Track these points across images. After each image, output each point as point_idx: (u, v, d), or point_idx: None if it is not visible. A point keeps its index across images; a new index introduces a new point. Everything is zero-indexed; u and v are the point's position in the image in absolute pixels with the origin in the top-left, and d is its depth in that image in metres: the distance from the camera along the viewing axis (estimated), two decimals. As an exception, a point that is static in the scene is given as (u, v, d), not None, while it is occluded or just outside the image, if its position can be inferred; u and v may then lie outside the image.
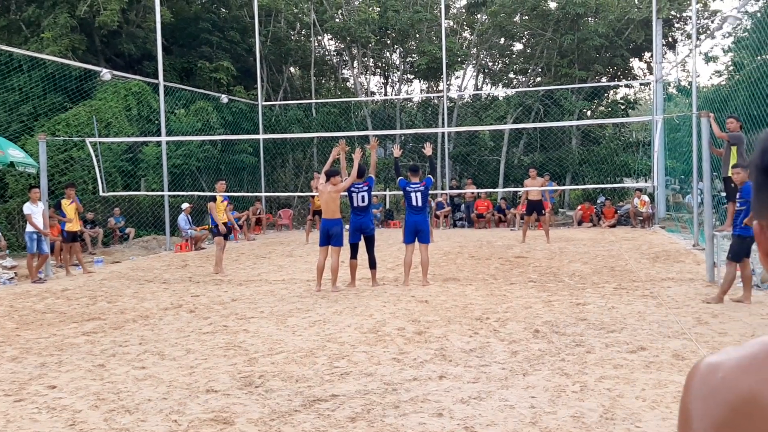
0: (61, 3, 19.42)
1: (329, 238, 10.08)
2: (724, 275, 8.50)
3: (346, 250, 10.42)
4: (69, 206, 13.07)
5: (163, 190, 17.34)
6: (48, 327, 8.03)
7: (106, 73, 16.50)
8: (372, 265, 10.49)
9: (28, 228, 12.08)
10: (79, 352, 6.75)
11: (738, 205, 8.41)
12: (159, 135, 17.84)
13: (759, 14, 14.94)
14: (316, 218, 15.95)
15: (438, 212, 20.96)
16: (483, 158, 24.62)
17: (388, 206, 24.16)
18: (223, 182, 13.51)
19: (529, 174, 16.84)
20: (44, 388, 5.56)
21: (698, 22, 20.64)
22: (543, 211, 16.21)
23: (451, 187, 22.25)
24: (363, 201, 10.33)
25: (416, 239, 10.31)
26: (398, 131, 24.45)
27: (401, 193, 10.89)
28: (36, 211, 12.12)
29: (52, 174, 15.65)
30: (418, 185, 10.36)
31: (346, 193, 10.43)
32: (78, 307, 9.35)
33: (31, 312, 9.14)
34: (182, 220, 17.13)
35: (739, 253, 8.31)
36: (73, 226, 13.17)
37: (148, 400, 5.18)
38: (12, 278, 12.34)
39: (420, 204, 10.30)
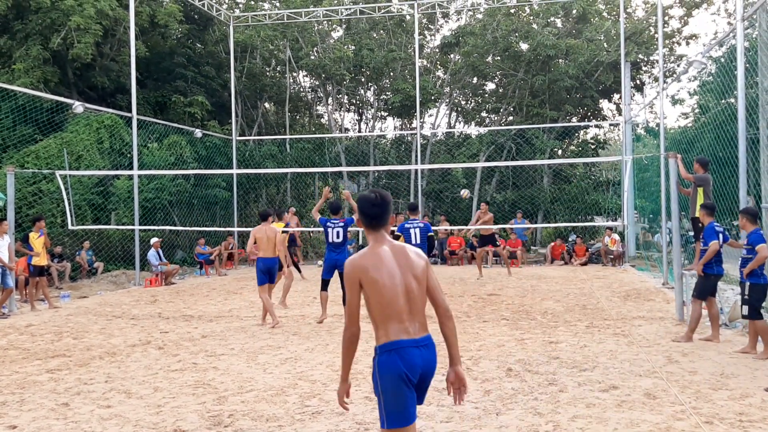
0: (33, 35, 19.31)
1: (269, 276, 10.35)
2: (690, 313, 8.60)
3: (315, 284, 10.38)
4: (37, 240, 12.82)
5: (134, 224, 17.14)
6: (10, 364, 7.81)
7: (78, 106, 16.38)
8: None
9: (-7, 262, 11.81)
10: (42, 390, 6.56)
11: (702, 244, 8.54)
12: (131, 168, 17.68)
13: (723, 59, 15.38)
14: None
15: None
16: (456, 195, 24.78)
17: (361, 242, 24.12)
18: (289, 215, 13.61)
19: (480, 207, 16.96)
20: (4, 429, 5.38)
21: (665, 65, 21.18)
22: (497, 243, 16.26)
23: (424, 224, 22.26)
24: (338, 237, 10.39)
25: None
26: (372, 168, 24.55)
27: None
28: (1, 245, 11.87)
29: (20, 207, 15.38)
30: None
31: (321, 229, 10.50)
32: (42, 344, 9.12)
33: (-7, 348, 8.89)
34: (152, 255, 16.89)
35: (703, 292, 8.42)
36: (41, 260, 12.91)
37: (113, 440, 5.04)
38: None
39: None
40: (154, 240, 17.07)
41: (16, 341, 9.37)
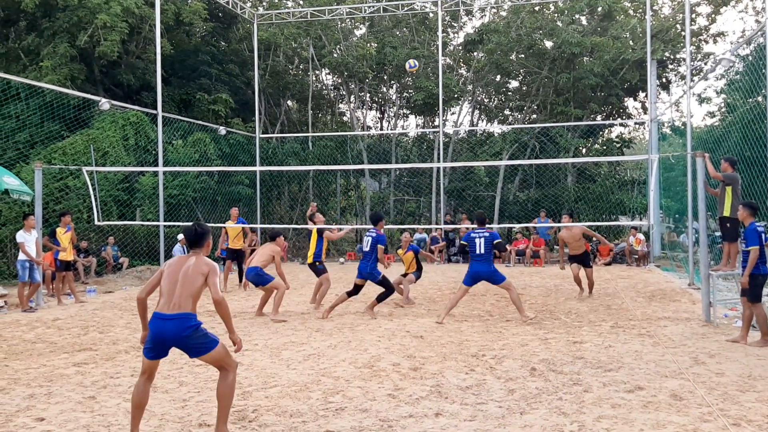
0: (61, 33, 19.56)
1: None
2: (756, 318, 8.30)
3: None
4: (63, 235, 13.00)
5: (158, 220, 17.29)
6: (38, 357, 7.92)
7: (104, 103, 16.56)
8: (381, 299, 10.86)
9: (21, 256, 11.98)
10: (69, 384, 6.64)
11: (744, 245, 8.39)
12: (156, 165, 17.85)
13: (750, 57, 15.15)
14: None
15: (432, 247, 20.93)
16: (478, 194, 24.69)
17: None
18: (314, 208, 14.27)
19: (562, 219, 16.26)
20: (32, 421, 5.45)
21: (692, 63, 20.91)
22: (590, 264, 15.48)
23: (445, 222, 22.25)
24: (366, 246, 10.88)
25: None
26: (393, 165, 24.57)
27: (395, 227, 11.08)
28: (29, 240, 12.04)
29: (47, 202, 15.60)
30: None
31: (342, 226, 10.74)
32: (69, 338, 9.23)
33: (20, 341, 9.02)
34: (177, 250, 17.04)
35: (756, 294, 8.21)
36: (67, 255, 13.07)
37: (139, 433, 5.08)
38: (2, 307, 12.20)
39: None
40: (181, 236, 17.19)
41: (43, 335, 9.51)
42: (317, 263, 11.95)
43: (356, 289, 10.82)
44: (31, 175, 14.06)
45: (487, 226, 10.57)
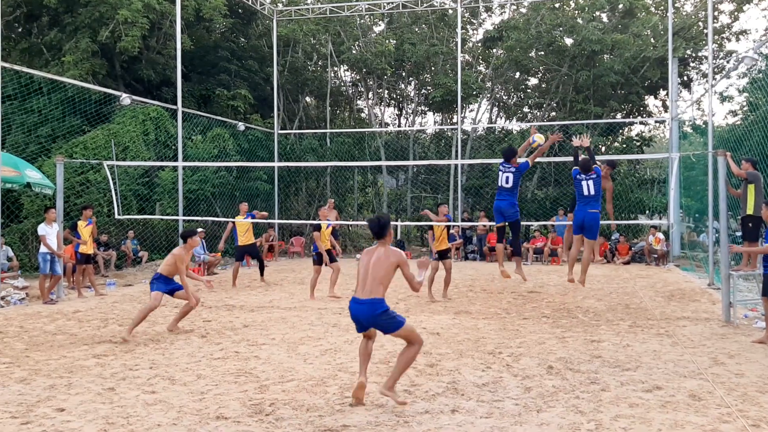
0: (83, 28, 19.74)
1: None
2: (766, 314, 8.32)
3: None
4: (84, 228, 13.13)
5: (177, 215, 17.42)
6: (58, 349, 8.01)
7: (125, 98, 16.70)
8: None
9: (42, 249, 12.12)
10: (89, 375, 6.72)
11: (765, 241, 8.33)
12: (176, 160, 17.97)
13: (775, 55, 14.95)
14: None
15: (449, 244, 20.83)
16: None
17: (399, 237, 24.12)
18: (328, 208, 13.87)
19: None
20: (52, 411, 5.52)
21: (714, 61, 20.68)
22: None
23: (463, 220, 22.19)
24: (507, 182, 10.64)
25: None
26: (411, 162, 24.54)
27: (413, 224, 10.98)
28: (50, 232, 12.18)
29: (68, 196, 15.76)
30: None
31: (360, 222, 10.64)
32: (89, 330, 9.34)
33: (41, 333, 9.14)
34: (196, 244, 17.16)
35: None
36: (88, 248, 13.21)
37: (158, 425, 5.14)
38: (23, 299, 12.38)
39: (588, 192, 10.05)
40: (199, 230, 17.29)
41: (63, 327, 9.62)
42: (314, 254, 12.69)
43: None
44: (53, 169, 14.22)
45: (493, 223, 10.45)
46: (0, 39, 11.67)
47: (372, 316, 5.59)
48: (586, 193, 9.85)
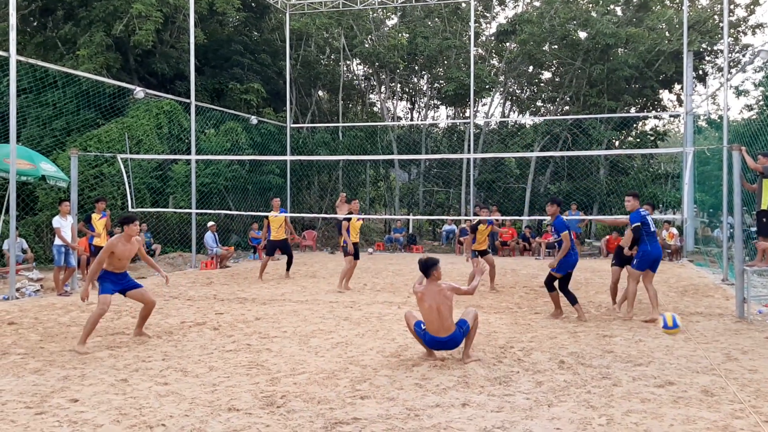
0: (97, 22, 19.84)
1: None
2: None
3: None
4: (98, 221, 13.23)
5: (190, 208, 17.51)
6: (72, 340, 8.07)
7: (139, 92, 16.78)
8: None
9: (56, 241, 12.22)
10: (102, 366, 6.77)
11: None
12: (189, 153, 18.05)
13: (792, 49, 14.76)
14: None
15: (462, 239, 20.85)
16: (508, 186, 24.53)
17: (411, 231, 24.13)
18: (357, 201, 13.95)
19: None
20: (66, 402, 5.57)
21: (729, 55, 20.51)
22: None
23: (475, 214, 22.12)
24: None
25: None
26: (423, 156, 24.51)
27: (424, 218, 10.91)
28: (65, 225, 12.27)
29: (82, 189, 15.88)
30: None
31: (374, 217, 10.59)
32: (102, 321, 9.38)
33: (55, 324, 9.22)
34: (209, 237, 17.26)
35: None
36: (101, 240, 13.29)
37: (170, 416, 5.17)
38: (38, 290, 12.48)
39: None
40: (210, 223, 17.37)
41: (77, 318, 9.70)
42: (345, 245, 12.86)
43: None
44: (67, 162, 14.32)
45: (520, 217, 10.37)
46: (15, 33, 11.72)
47: (456, 346, 6.84)
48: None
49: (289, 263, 15.08)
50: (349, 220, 12.91)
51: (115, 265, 7.97)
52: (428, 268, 6.81)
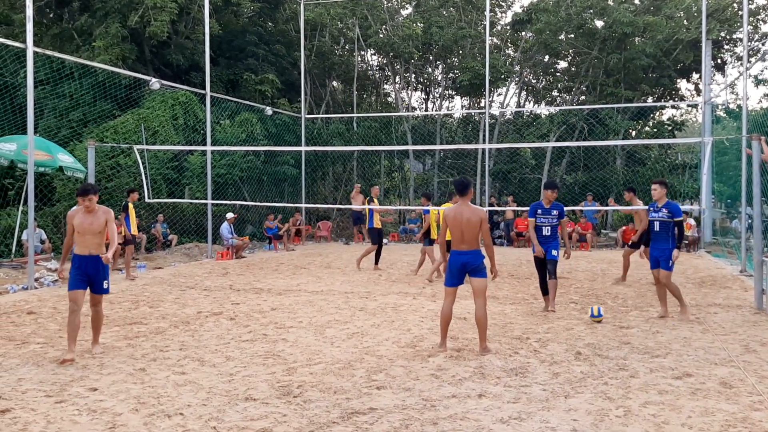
0: (112, 13, 19.91)
1: None
2: None
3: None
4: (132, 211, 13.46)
5: (206, 199, 17.58)
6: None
7: (155, 83, 16.84)
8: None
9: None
10: (120, 356, 6.84)
11: None
12: (204, 144, 18.11)
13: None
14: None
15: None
16: (524, 176, 24.41)
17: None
18: (377, 188, 15.14)
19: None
20: (85, 390, 5.63)
21: (749, 44, 20.24)
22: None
23: (490, 204, 22.08)
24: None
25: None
26: (438, 147, 24.43)
27: (438, 209, 10.86)
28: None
29: (99, 179, 15.99)
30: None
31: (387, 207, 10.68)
32: (120, 311, 9.49)
33: (75, 314, 9.29)
34: (225, 228, 17.32)
35: None
36: (133, 229, 13.46)
37: (188, 405, 5.21)
38: (56, 280, 12.59)
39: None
40: (230, 215, 17.41)
41: (96, 308, 9.77)
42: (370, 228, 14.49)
43: None
44: (84, 153, 14.42)
45: (510, 208, 10.23)
46: (32, 24, 11.78)
47: (475, 262, 6.88)
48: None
49: (378, 253, 14.92)
50: (371, 202, 14.39)
51: (78, 243, 7.02)
52: (466, 186, 7.09)
